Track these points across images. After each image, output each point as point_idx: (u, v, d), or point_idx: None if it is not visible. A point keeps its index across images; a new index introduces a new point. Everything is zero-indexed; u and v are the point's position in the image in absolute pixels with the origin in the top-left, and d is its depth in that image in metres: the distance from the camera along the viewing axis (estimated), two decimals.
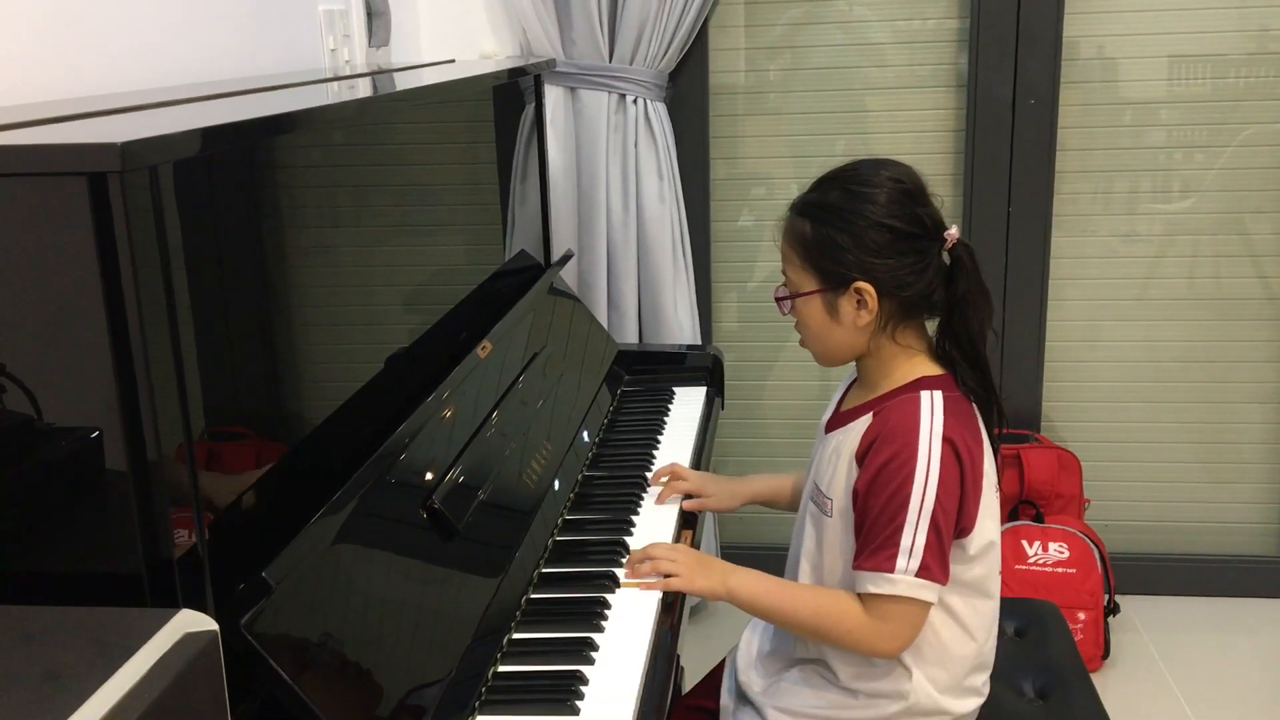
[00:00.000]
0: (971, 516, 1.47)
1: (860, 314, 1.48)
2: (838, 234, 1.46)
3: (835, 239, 1.46)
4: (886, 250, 1.45)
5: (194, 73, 1.68)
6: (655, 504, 1.82)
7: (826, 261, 1.48)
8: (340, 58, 2.18)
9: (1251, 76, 2.76)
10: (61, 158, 0.91)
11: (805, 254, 1.50)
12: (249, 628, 1.05)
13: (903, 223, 1.45)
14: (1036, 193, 2.81)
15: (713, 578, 1.55)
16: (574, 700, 1.32)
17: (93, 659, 0.77)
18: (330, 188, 1.44)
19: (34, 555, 0.99)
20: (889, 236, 1.45)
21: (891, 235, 1.45)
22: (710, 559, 1.60)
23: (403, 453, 1.42)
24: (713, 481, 1.86)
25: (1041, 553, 2.67)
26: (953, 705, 1.53)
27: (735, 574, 1.55)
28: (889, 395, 1.50)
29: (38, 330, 0.94)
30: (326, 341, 1.40)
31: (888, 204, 1.45)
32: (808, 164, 2.89)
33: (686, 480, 1.85)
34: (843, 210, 1.47)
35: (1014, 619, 1.93)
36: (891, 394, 1.50)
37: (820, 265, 1.48)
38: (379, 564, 1.31)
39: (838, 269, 1.47)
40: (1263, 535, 3.02)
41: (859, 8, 2.82)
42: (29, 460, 0.98)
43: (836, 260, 1.47)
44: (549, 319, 2.09)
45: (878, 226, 1.45)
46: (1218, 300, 2.89)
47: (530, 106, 2.45)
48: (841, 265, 1.46)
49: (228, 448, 1.15)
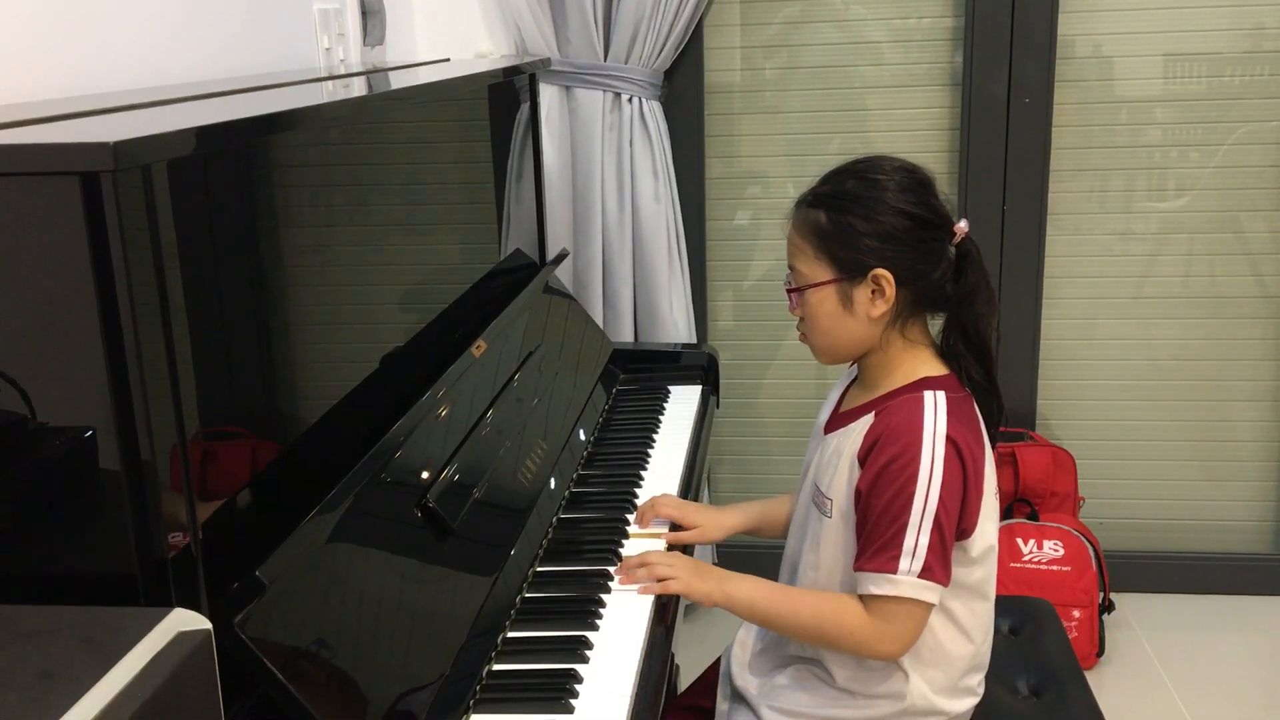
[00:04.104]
0: (973, 518, 1.46)
1: (875, 304, 1.46)
2: (856, 220, 1.45)
3: (854, 225, 1.45)
4: (904, 237, 1.45)
5: (188, 72, 1.67)
6: (636, 531, 1.72)
7: (844, 250, 1.46)
8: (335, 57, 2.18)
9: (1247, 75, 2.77)
10: (54, 157, 0.91)
11: (821, 244, 1.48)
12: (243, 627, 1.05)
13: (920, 209, 1.45)
14: (1031, 191, 2.81)
15: (709, 583, 1.54)
16: (568, 699, 1.32)
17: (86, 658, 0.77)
18: (325, 187, 1.44)
19: (28, 554, 0.99)
20: (907, 223, 1.45)
21: (909, 222, 1.45)
22: (707, 566, 1.59)
23: (397, 451, 1.42)
24: (697, 511, 1.78)
25: (1036, 550, 2.67)
26: (948, 706, 1.53)
27: (732, 580, 1.54)
28: (891, 395, 1.49)
29: (31, 329, 0.94)
30: (321, 340, 1.40)
31: (903, 191, 1.45)
32: (803, 163, 2.89)
33: (668, 506, 1.77)
34: (860, 197, 1.46)
35: (1009, 617, 1.93)
36: (894, 394, 1.49)
37: (837, 254, 1.47)
38: (373, 563, 1.31)
39: (856, 256, 1.46)
40: (1257, 533, 3.02)
41: (854, 6, 2.83)
42: (22, 459, 0.98)
43: (855, 248, 1.45)
44: (544, 318, 2.09)
45: (896, 212, 1.44)
46: (1213, 299, 2.90)
47: (525, 105, 2.45)
48: (859, 252, 1.45)
49: (222, 446, 1.15)
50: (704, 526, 1.76)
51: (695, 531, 1.75)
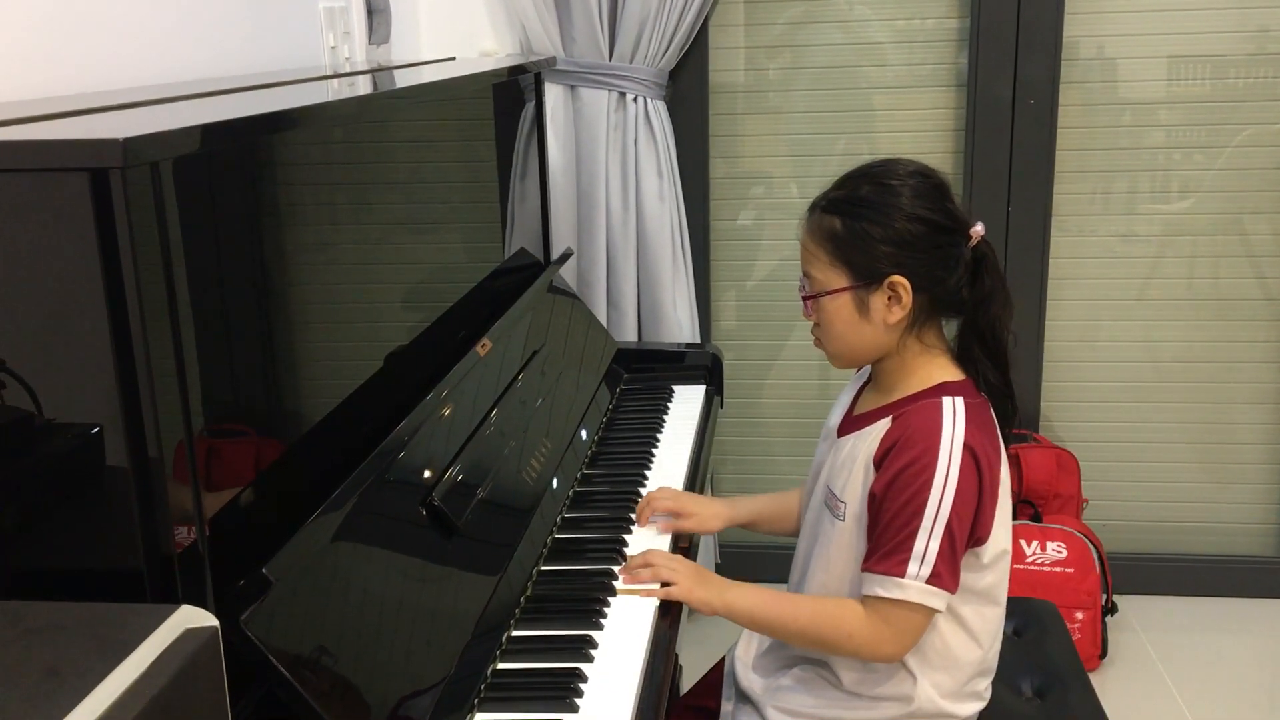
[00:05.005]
0: (987, 526, 1.46)
1: (892, 310, 1.45)
2: (872, 227, 1.44)
3: (869, 232, 1.44)
4: (921, 243, 1.44)
5: (195, 70, 1.68)
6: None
7: (859, 256, 1.45)
8: (340, 55, 2.18)
9: (1251, 77, 2.77)
10: (63, 153, 0.91)
11: (836, 250, 1.47)
12: (249, 624, 1.05)
13: (935, 215, 1.44)
14: (1036, 193, 2.81)
15: (710, 590, 1.53)
16: (573, 698, 1.32)
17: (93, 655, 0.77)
18: (331, 185, 1.44)
19: (34, 551, 0.99)
20: (923, 229, 1.44)
21: (925, 227, 1.44)
22: (709, 573, 1.59)
23: (402, 450, 1.42)
24: (694, 501, 1.77)
25: (1040, 552, 2.67)
26: (955, 709, 1.53)
27: (733, 589, 1.54)
28: (909, 399, 1.48)
29: (39, 326, 0.94)
30: (326, 339, 1.40)
31: (918, 196, 1.44)
32: (807, 163, 2.89)
33: (665, 499, 1.76)
34: (875, 203, 1.45)
35: (1012, 618, 1.93)
36: (912, 398, 1.48)
37: (853, 261, 1.46)
38: (378, 561, 1.31)
39: (872, 263, 1.45)
40: (1260, 535, 3.02)
41: (859, 7, 2.82)
42: (30, 456, 0.98)
43: (871, 254, 1.44)
44: (548, 317, 2.09)
45: (911, 218, 1.43)
46: (1216, 301, 2.89)
47: (530, 104, 2.45)
48: (875, 259, 1.44)
49: (228, 444, 1.15)
50: (701, 515, 1.75)
51: (692, 521, 1.74)
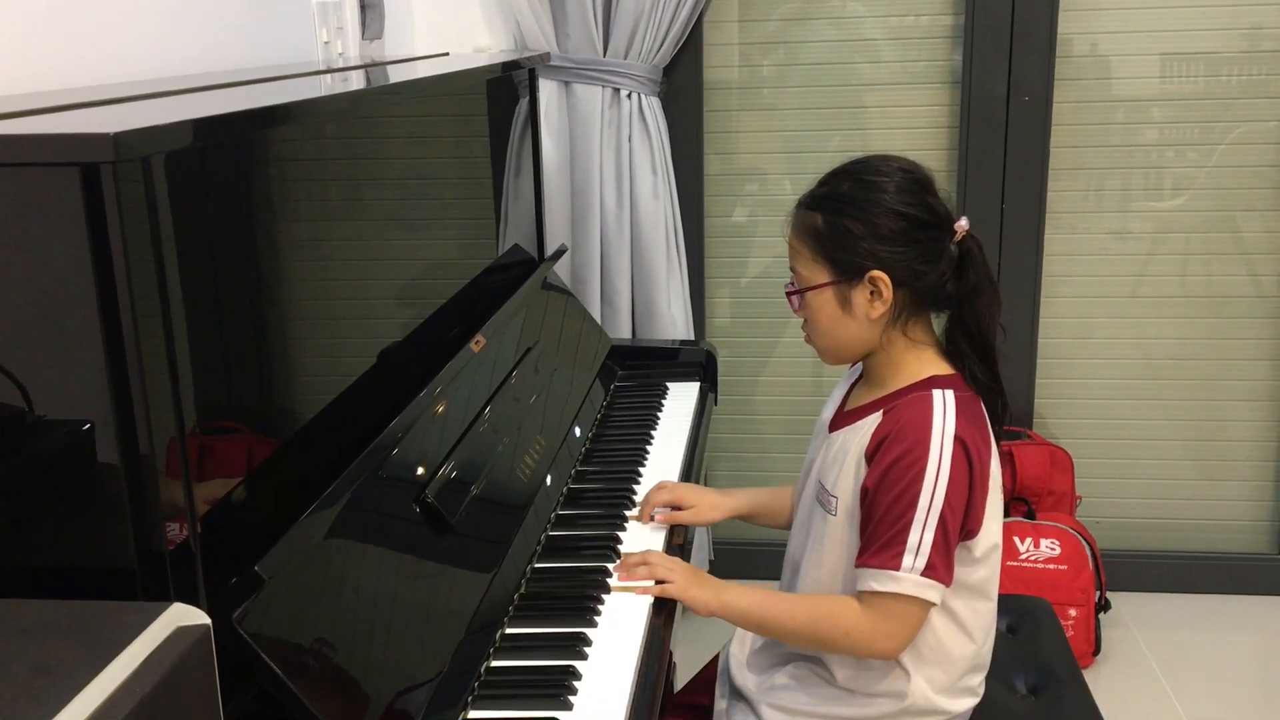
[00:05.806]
0: (978, 518, 1.46)
1: (874, 305, 1.47)
2: (852, 223, 1.45)
3: (849, 228, 1.46)
4: (901, 238, 1.45)
5: (187, 64, 1.67)
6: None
7: (840, 252, 1.47)
8: (333, 50, 2.17)
9: (1244, 75, 2.77)
10: (54, 148, 0.91)
11: (818, 246, 1.48)
12: (241, 622, 1.05)
13: (916, 210, 1.45)
14: (1030, 190, 2.81)
15: (707, 590, 1.53)
16: (567, 695, 1.32)
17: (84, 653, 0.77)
18: (323, 181, 1.43)
19: (25, 548, 0.98)
20: (903, 224, 1.45)
21: (905, 223, 1.45)
22: (705, 574, 1.59)
23: (395, 447, 1.41)
24: (691, 492, 1.78)
25: (1033, 549, 2.67)
26: (949, 705, 1.53)
27: (729, 590, 1.54)
28: (899, 393, 1.49)
29: (29, 322, 0.93)
30: (319, 335, 1.40)
31: (900, 192, 1.45)
32: (802, 160, 2.89)
33: (664, 490, 1.77)
34: (856, 199, 1.46)
35: (1006, 615, 1.93)
36: (902, 391, 1.49)
37: (834, 256, 1.47)
38: (372, 558, 1.30)
39: (852, 259, 1.46)
40: (1253, 532, 3.02)
41: (853, 3, 2.82)
42: (20, 453, 0.97)
43: (851, 250, 1.46)
44: (542, 314, 2.09)
45: (892, 214, 1.44)
46: (1209, 298, 2.90)
47: (524, 100, 2.44)
48: (856, 255, 1.46)
49: (220, 441, 1.14)
50: (699, 506, 1.75)
51: (690, 511, 1.75)
